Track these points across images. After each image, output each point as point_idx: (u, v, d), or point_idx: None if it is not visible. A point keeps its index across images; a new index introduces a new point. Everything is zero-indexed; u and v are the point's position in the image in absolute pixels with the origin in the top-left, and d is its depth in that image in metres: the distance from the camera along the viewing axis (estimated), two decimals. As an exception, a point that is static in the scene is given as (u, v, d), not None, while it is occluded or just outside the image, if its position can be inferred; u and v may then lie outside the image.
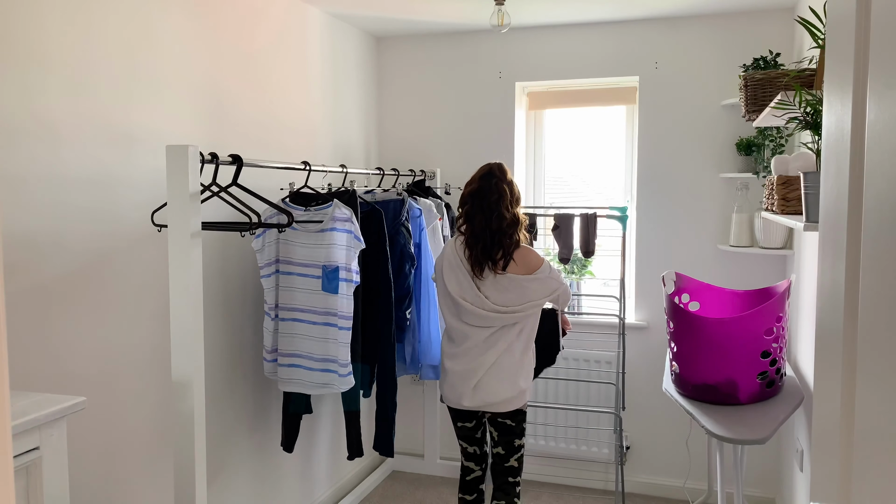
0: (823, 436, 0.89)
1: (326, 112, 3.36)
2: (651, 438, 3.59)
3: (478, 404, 2.52)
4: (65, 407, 1.52)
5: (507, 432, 2.58)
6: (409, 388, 3.88)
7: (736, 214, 3.26)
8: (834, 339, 0.83)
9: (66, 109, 1.97)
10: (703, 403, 2.53)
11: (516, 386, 2.51)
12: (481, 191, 2.48)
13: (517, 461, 2.61)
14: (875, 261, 0.68)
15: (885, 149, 0.65)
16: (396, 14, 3.39)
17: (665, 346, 2.92)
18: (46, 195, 1.92)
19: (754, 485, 3.42)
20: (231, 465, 2.74)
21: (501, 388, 2.50)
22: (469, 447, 2.69)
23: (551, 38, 3.60)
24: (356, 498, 3.53)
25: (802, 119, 1.88)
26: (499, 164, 2.56)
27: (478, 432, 2.68)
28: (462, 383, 2.52)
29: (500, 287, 2.47)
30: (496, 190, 2.47)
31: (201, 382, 1.96)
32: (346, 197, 2.74)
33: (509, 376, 2.50)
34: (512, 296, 2.47)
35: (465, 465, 2.74)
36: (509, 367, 2.51)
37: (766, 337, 2.45)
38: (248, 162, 2.21)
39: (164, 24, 2.33)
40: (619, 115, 3.73)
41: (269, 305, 2.67)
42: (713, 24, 3.37)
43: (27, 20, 1.86)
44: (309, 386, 2.62)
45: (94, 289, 2.08)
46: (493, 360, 2.50)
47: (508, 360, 2.51)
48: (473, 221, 2.48)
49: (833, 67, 0.91)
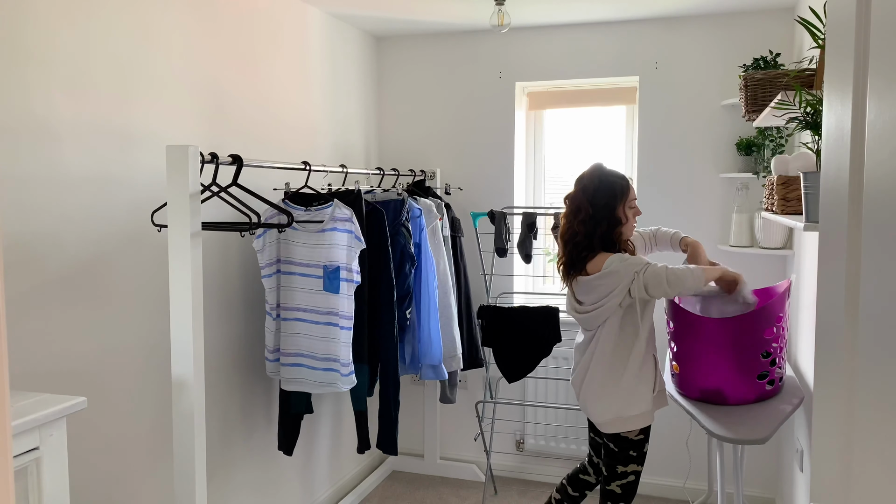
0: (823, 436, 0.89)
1: (326, 112, 3.36)
2: (651, 438, 3.58)
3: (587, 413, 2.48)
4: (65, 407, 1.52)
5: (608, 454, 2.43)
6: (410, 388, 3.88)
7: (736, 214, 3.26)
8: (834, 339, 0.83)
9: (66, 109, 1.97)
10: (704, 403, 2.53)
11: (611, 408, 2.36)
12: (574, 199, 2.43)
13: (620, 488, 2.39)
14: (875, 261, 0.68)
15: (885, 149, 0.65)
16: (396, 14, 3.39)
17: (665, 346, 2.92)
18: (46, 195, 1.92)
19: (754, 485, 3.42)
20: (231, 464, 2.74)
21: (596, 404, 2.40)
22: (593, 454, 2.67)
23: (551, 38, 3.60)
24: (356, 498, 3.53)
25: (802, 119, 1.88)
26: (591, 171, 2.46)
27: (597, 437, 2.59)
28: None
29: (580, 290, 2.41)
30: (586, 203, 2.38)
31: (201, 382, 1.96)
32: (350, 197, 2.74)
33: (603, 390, 2.38)
34: (591, 296, 2.37)
35: (585, 465, 2.72)
36: (602, 379, 2.38)
37: (766, 337, 2.45)
38: (248, 162, 2.21)
39: (163, 23, 2.33)
40: (619, 115, 3.73)
41: (271, 305, 2.67)
42: (713, 24, 3.37)
43: (27, 20, 1.86)
44: (312, 385, 2.63)
45: (93, 289, 2.08)
46: (587, 365, 2.43)
47: (600, 370, 2.39)
48: (566, 230, 2.45)
49: (833, 67, 0.91)
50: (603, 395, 2.38)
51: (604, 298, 2.32)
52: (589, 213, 2.35)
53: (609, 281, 2.30)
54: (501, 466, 3.78)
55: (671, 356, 2.71)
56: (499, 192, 3.70)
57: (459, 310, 3.38)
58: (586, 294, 2.38)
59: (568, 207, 2.44)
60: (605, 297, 2.32)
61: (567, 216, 2.43)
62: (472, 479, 3.79)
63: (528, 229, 3.28)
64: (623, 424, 2.36)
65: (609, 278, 2.29)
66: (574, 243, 2.37)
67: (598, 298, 2.34)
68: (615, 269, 2.28)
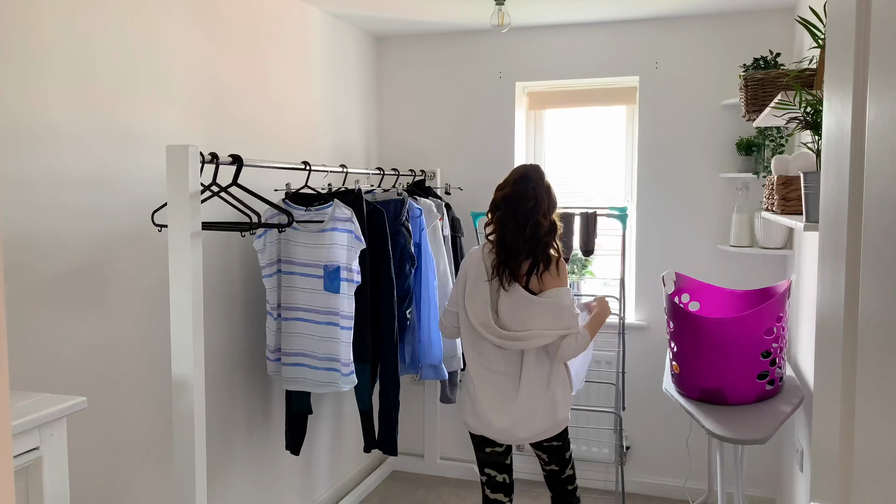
0: (823, 436, 0.89)
1: (326, 112, 3.36)
2: (651, 438, 3.59)
3: (515, 439, 2.37)
4: (65, 407, 1.52)
5: (556, 451, 2.44)
6: (410, 388, 3.88)
7: (736, 214, 3.26)
8: (834, 339, 0.83)
9: (66, 109, 1.97)
10: (704, 403, 2.53)
11: (553, 416, 2.33)
12: (516, 195, 2.28)
13: (571, 468, 2.49)
14: (875, 261, 0.68)
15: (885, 149, 0.65)
16: (396, 14, 3.39)
17: (665, 346, 2.92)
18: (46, 195, 1.92)
19: (754, 485, 3.42)
20: (231, 464, 2.74)
21: (537, 423, 2.32)
22: (498, 475, 2.44)
23: (551, 38, 3.60)
24: (356, 498, 3.53)
25: (802, 119, 1.88)
26: (535, 166, 2.37)
27: (508, 458, 2.46)
28: (491, 413, 2.33)
29: (515, 305, 2.28)
30: (533, 195, 2.27)
31: (201, 382, 1.96)
32: (350, 197, 2.74)
33: (543, 409, 2.31)
34: (521, 317, 2.27)
35: (490, 497, 2.47)
36: (542, 399, 2.31)
37: (766, 337, 2.45)
38: (248, 162, 2.21)
39: (164, 23, 2.33)
40: (619, 115, 3.73)
41: (272, 305, 2.67)
42: (713, 24, 3.37)
43: (27, 20, 1.86)
44: (313, 385, 2.64)
45: (94, 289, 2.08)
46: (523, 392, 2.31)
47: (538, 392, 2.31)
48: (505, 228, 2.28)
49: (833, 67, 0.90)
50: (540, 412, 2.33)
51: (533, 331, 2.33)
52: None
53: (544, 309, 2.33)
54: (501, 466, 3.77)
55: (671, 356, 2.71)
56: (499, 192, 3.70)
57: (459, 310, 3.38)
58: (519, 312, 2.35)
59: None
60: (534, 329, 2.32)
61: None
62: (472, 479, 3.79)
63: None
64: (564, 422, 2.39)
65: (545, 307, 2.33)
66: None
67: None
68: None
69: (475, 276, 2.36)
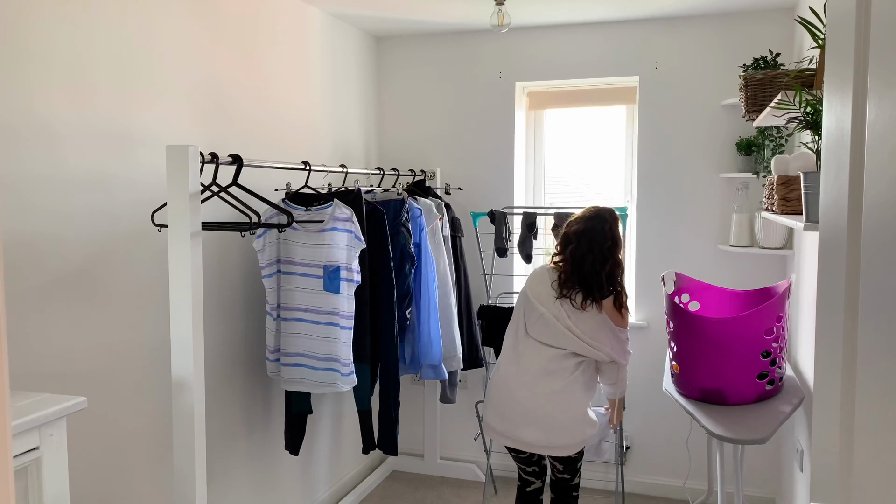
0: (823, 436, 0.89)
1: (326, 112, 3.36)
2: (651, 438, 3.59)
3: (538, 448, 2.50)
4: (65, 407, 1.52)
5: (573, 462, 2.59)
6: (410, 387, 3.88)
7: (736, 214, 3.26)
8: (834, 339, 0.83)
9: (65, 109, 1.97)
10: (704, 403, 2.53)
11: (582, 434, 2.48)
12: (593, 232, 2.49)
13: (579, 476, 2.66)
14: (875, 260, 0.68)
15: (885, 149, 0.65)
16: (396, 14, 3.39)
17: (665, 346, 2.92)
18: (46, 195, 1.92)
19: (754, 485, 3.42)
20: (231, 464, 2.74)
21: (564, 434, 2.46)
22: (528, 468, 2.68)
23: (551, 38, 3.60)
24: (356, 498, 3.53)
25: (802, 119, 1.87)
26: (610, 209, 2.58)
27: (535, 456, 2.64)
28: (521, 425, 2.48)
29: (591, 321, 2.48)
30: (610, 236, 2.50)
31: (201, 382, 1.96)
32: (350, 197, 2.74)
33: (574, 424, 2.46)
34: (591, 325, 2.47)
35: (524, 478, 2.71)
36: (574, 414, 2.46)
37: (766, 337, 2.45)
38: (248, 162, 2.21)
39: (164, 23, 2.33)
40: (619, 115, 3.73)
41: (271, 305, 2.67)
42: (713, 24, 3.37)
43: (27, 20, 1.86)
44: (312, 385, 2.63)
45: (94, 289, 2.08)
46: (554, 391, 2.46)
47: (572, 396, 2.46)
48: (583, 261, 2.46)
49: (833, 67, 0.91)
50: (568, 422, 2.48)
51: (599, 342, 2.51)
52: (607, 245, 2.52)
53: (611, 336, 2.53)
54: (501, 466, 3.77)
55: (671, 356, 2.71)
56: (499, 192, 3.70)
57: (459, 310, 3.38)
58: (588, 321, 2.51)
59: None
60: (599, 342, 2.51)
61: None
62: (472, 479, 3.79)
63: (529, 229, 3.28)
64: (585, 442, 2.55)
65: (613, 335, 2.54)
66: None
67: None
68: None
69: (540, 293, 2.54)
